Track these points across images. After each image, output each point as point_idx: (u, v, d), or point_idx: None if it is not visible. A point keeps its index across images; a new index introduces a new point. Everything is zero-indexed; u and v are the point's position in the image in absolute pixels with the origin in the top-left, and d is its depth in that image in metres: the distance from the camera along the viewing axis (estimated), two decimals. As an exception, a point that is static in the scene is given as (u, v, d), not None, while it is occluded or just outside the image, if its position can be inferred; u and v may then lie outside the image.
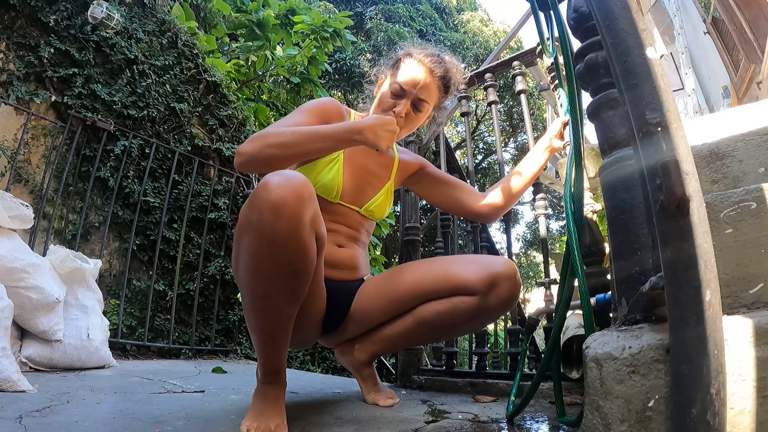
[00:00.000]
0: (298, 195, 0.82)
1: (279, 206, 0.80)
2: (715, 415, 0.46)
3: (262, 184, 0.83)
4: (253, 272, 0.86)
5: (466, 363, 5.57)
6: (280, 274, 0.85)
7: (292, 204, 0.81)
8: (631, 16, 0.61)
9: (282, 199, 0.81)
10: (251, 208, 0.83)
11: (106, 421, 0.96)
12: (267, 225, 0.81)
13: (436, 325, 1.10)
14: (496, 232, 12.02)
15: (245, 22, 4.02)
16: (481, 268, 1.03)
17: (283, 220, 0.81)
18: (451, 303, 1.05)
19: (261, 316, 0.90)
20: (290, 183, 0.82)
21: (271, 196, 0.81)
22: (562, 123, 1.26)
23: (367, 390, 1.23)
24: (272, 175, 0.84)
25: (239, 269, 0.89)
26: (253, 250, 0.84)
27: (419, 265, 1.17)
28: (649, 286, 0.56)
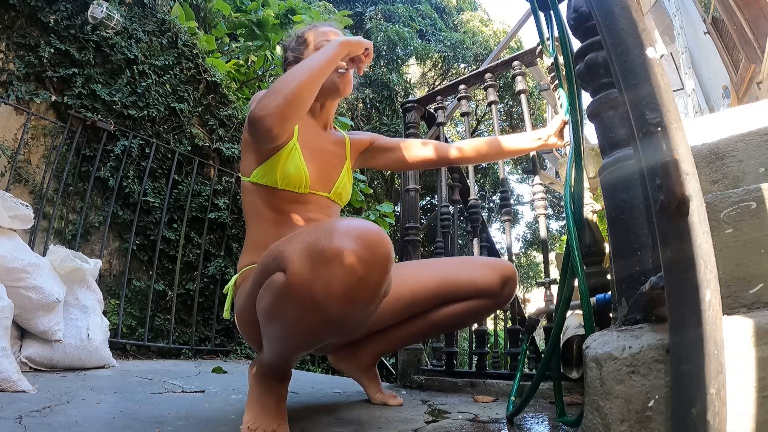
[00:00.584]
0: (384, 269, 0.67)
1: (358, 291, 0.66)
2: (715, 415, 0.46)
3: (333, 249, 0.64)
4: (296, 337, 0.77)
5: (466, 363, 5.57)
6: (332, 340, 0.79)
7: (375, 283, 0.67)
8: (631, 16, 0.61)
9: (363, 280, 0.65)
10: (313, 277, 0.66)
11: (106, 421, 0.96)
12: (336, 309, 0.67)
13: (450, 325, 1.17)
14: (496, 232, 12.02)
15: (245, 22, 4.02)
16: (494, 271, 1.11)
17: (360, 305, 0.68)
18: (469, 305, 1.11)
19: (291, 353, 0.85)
20: (374, 254, 0.66)
21: (348, 277, 0.64)
22: (562, 120, 1.26)
23: (373, 390, 1.23)
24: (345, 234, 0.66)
25: (274, 323, 0.78)
26: (308, 325, 0.72)
27: (431, 270, 1.15)
28: (649, 286, 0.56)
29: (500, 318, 2.73)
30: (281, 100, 0.90)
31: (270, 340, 0.84)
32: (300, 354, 0.87)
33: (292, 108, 0.91)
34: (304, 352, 0.87)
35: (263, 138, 0.91)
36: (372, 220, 3.79)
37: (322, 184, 1.14)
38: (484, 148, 1.31)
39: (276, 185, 1.05)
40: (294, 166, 1.06)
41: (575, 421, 0.78)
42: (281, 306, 0.73)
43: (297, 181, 1.07)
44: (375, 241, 0.67)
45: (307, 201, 1.11)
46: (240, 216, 3.18)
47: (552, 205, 10.26)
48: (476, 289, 1.10)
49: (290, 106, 0.91)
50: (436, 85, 9.96)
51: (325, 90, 1.13)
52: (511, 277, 1.12)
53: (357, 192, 3.92)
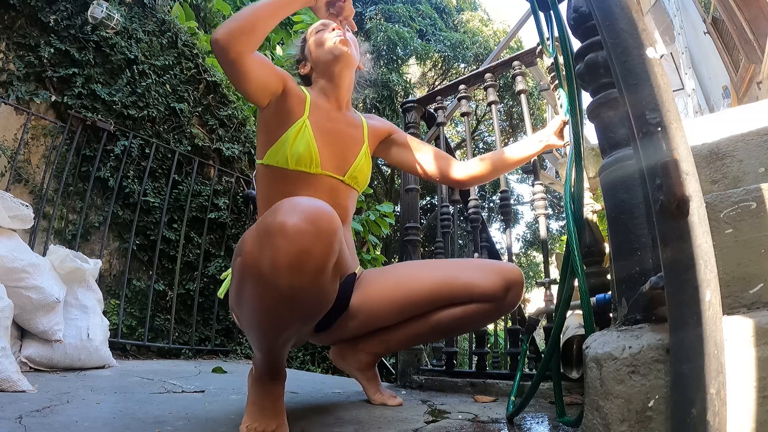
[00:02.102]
0: (326, 242, 0.68)
1: (302, 261, 0.67)
2: (715, 415, 0.46)
3: (277, 223, 0.67)
4: (261, 318, 0.78)
5: (466, 363, 5.57)
6: (294, 320, 0.79)
7: (318, 255, 0.68)
8: (631, 16, 0.61)
9: (306, 251, 0.67)
10: (261, 252, 0.68)
11: (106, 421, 0.96)
12: (284, 282, 0.68)
13: (449, 329, 1.14)
14: (496, 232, 12.03)
15: (245, 22, 4.01)
16: (497, 276, 1.07)
17: (306, 276, 0.69)
18: (469, 309, 1.08)
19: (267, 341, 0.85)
20: (316, 227, 0.67)
21: (291, 248, 0.66)
22: (562, 120, 1.26)
23: (372, 391, 1.22)
24: (289, 210, 0.68)
25: (243, 308, 0.80)
26: (264, 303, 0.74)
27: (431, 271, 1.13)
28: (649, 286, 0.56)
29: (500, 318, 2.73)
30: (232, 21, 0.93)
31: (246, 328, 0.86)
32: (278, 341, 0.85)
33: (241, 26, 0.93)
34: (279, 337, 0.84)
35: (218, 56, 0.94)
36: (372, 220, 3.78)
37: (336, 165, 1.12)
38: (490, 165, 1.27)
39: (287, 165, 1.05)
40: (304, 143, 1.05)
41: (575, 421, 0.78)
42: (242, 288, 0.76)
43: (307, 159, 1.06)
44: (316, 214, 0.68)
45: (319, 184, 1.08)
46: (240, 216, 3.18)
47: (552, 205, 10.25)
48: (478, 293, 1.06)
49: (239, 24, 0.93)
50: (436, 85, 9.96)
51: (327, 61, 1.15)
52: (516, 282, 1.07)
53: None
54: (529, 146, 1.28)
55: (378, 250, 5.71)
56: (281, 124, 1.07)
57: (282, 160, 1.05)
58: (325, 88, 1.18)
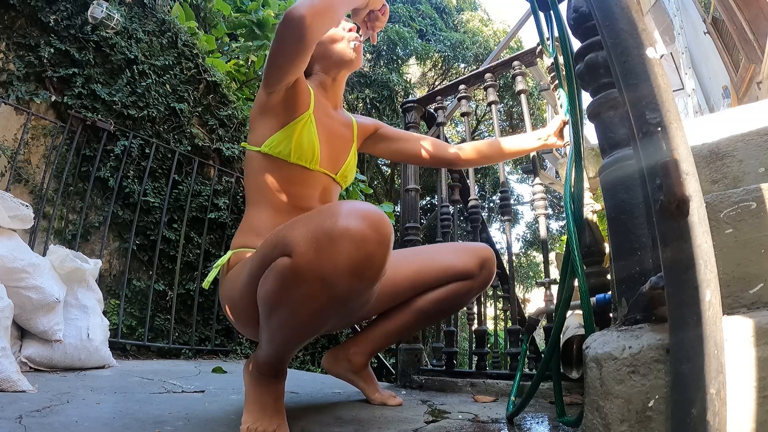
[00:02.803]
0: (387, 248, 0.69)
1: (366, 266, 0.68)
2: (715, 415, 0.46)
3: (340, 228, 0.66)
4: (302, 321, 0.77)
5: (466, 363, 5.57)
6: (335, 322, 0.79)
7: (380, 261, 0.69)
8: (631, 16, 0.61)
9: (370, 257, 0.67)
10: (320, 256, 0.67)
11: (106, 421, 0.96)
12: (344, 286, 0.68)
13: (435, 312, 1.17)
14: (496, 232, 12.02)
15: (245, 22, 4.02)
16: (470, 254, 1.15)
17: (366, 281, 0.69)
18: (449, 289, 1.13)
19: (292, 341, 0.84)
20: (379, 233, 0.68)
21: (356, 254, 0.66)
22: (562, 120, 1.26)
23: (371, 391, 1.23)
24: (350, 213, 0.68)
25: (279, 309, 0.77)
26: (315, 306, 0.73)
27: (408, 258, 1.17)
28: (649, 286, 0.56)
29: (500, 318, 2.73)
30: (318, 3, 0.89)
31: (272, 330, 0.83)
32: (301, 343, 0.86)
33: (326, 10, 0.90)
34: (304, 340, 0.86)
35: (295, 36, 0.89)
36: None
37: (330, 163, 1.14)
38: (485, 150, 1.32)
39: (288, 158, 1.05)
40: (308, 138, 1.06)
41: (575, 421, 0.78)
42: (287, 290, 0.74)
43: (309, 155, 1.06)
44: (378, 219, 0.69)
45: (314, 180, 1.09)
46: (240, 216, 3.18)
47: (552, 205, 10.25)
48: (454, 272, 1.12)
49: (325, 7, 0.90)
50: (436, 85, 9.97)
51: (336, 61, 1.15)
52: (488, 258, 1.15)
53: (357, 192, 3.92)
54: (527, 141, 1.31)
55: (378, 250, 5.70)
56: (287, 113, 1.06)
57: (284, 152, 1.05)
58: (326, 84, 1.18)
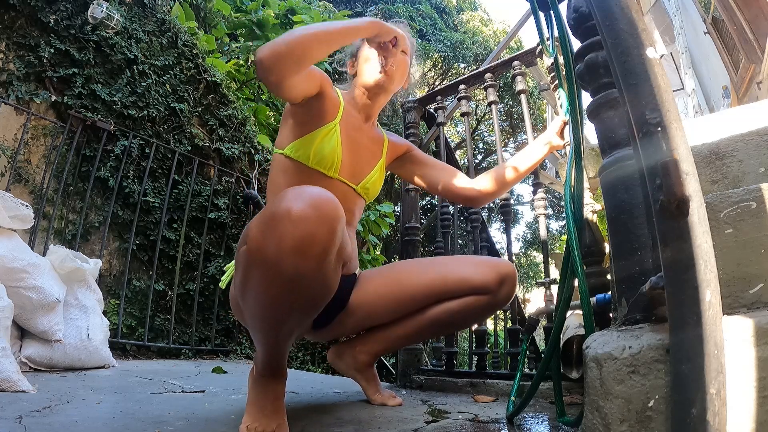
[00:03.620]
0: (329, 227, 0.70)
1: (307, 244, 0.68)
2: (715, 415, 0.46)
3: (282, 209, 0.69)
4: (265, 307, 0.78)
5: (466, 363, 5.57)
6: (297, 308, 0.79)
7: (322, 239, 0.70)
8: (631, 16, 0.61)
9: (310, 235, 0.68)
10: (266, 238, 0.70)
11: (106, 421, 0.96)
12: (289, 266, 0.69)
13: (448, 323, 1.14)
14: (496, 232, 12.02)
15: (245, 21, 4.02)
16: (491, 270, 1.09)
17: (310, 260, 0.70)
18: (465, 302, 1.09)
19: (270, 334, 0.86)
20: (320, 212, 0.69)
21: (296, 232, 0.67)
22: (562, 121, 1.26)
23: (372, 391, 1.22)
24: (294, 197, 0.70)
25: (247, 298, 0.80)
26: (268, 289, 0.74)
27: (426, 267, 1.15)
28: (649, 286, 0.56)
29: (500, 318, 2.73)
30: (282, 43, 0.89)
31: (250, 323, 0.86)
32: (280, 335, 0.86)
33: (290, 51, 0.89)
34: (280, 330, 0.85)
35: (261, 77, 0.91)
36: (372, 220, 3.78)
37: (352, 174, 1.15)
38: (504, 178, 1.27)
39: (308, 162, 1.06)
40: (330, 146, 1.07)
41: (575, 421, 0.78)
42: (246, 276, 0.76)
43: (329, 162, 1.08)
44: (320, 200, 0.71)
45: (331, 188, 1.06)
46: (240, 216, 3.18)
47: (552, 205, 10.25)
48: (471, 286, 1.08)
49: (289, 48, 0.89)
50: (436, 85, 9.96)
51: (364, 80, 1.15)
52: (509, 276, 1.10)
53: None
54: (536, 151, 1.28)
55: (378, 250, 5.71)
56: (312, 122, 1.08)
57: (304, 156, 1.06)
58: (359, 99, 1.19)
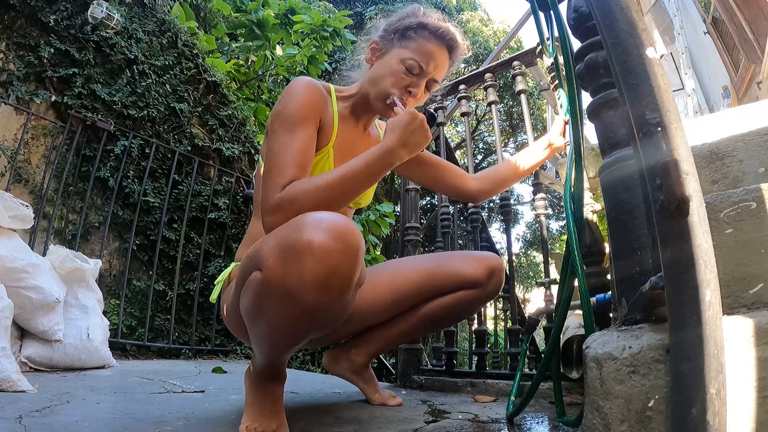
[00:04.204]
0: (353, 258, 0.68)
1: (330, 279, 0.67)
2: (715, 415, 0.46)
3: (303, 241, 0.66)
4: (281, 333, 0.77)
5: (466, 363, 5.57)
6: (315, 332, 0.78)
7: (346, 272, 0.68)
8: (631, 16, 0.61)
9: (334, 269, 0.66)
10: (286, 270, 0.67)
11: (106, 421, 0.96)
12: (311, 299, 0.68)
13: (440, 319, 1.15)
14: (496, 232, 12.02)
15: (245, 21, 4.02)
16: (479, 263, 1.12)
17: (334, 293, 0.69)
18: (456, 297, 1.11)
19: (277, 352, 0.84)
20: (344, 243, 0.67)
21: (319, 267, 0.65)
22: (563, 122, 1.26)
23: (371, 391, 1.22)
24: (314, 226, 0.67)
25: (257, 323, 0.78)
26: (285, 319, 0.73)
27: (416, 265, 1.16)
28: (649, 286, 0.56)
29: (500, 318, 2.74)
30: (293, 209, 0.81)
31: (256, 340, 0.84)
32: (287, 352, 0.86)
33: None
34: (290, 349, 0.85)
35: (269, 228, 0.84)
36: (372, 220, 3.78)
37: None
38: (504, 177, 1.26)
39: None
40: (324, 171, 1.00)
41: (575, 421, 0.78)
42: (260, 304, 0.74)
43: None
44: (343, 230, 0.68)
45: None
46: (240, 216, 3.18)
47: (552, 205, 10.26)
48: (462, 281, 1.10)
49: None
50: (436, 85, 9.94)
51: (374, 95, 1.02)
52: (497, 268, 1.12)
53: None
54: (537, 154, 1.28)
55: (378, 250, 5.71)
56: None
57: None
58: (360, 106, 1.07)
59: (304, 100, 0.94)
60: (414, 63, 0.99)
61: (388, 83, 0.99)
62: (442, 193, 1.34)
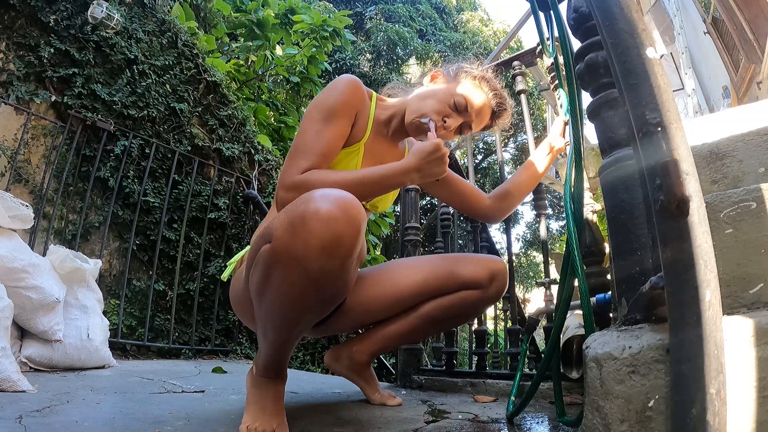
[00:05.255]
0: (356, 229, 0.73)
1: (334, 244, 0.71)
2: (715, 415, 0.46)
3: (311, 209, 0.71)
4: (285, 305, 0.80)
5: (466, 363, 5.57)
6: (318, 305, 0.81)
7: (349, 240, 0.72)
8: (631, 16, 0.61)
9: (338, 235, 0.71)
10: (294, 237, 0.72)
11: (106, 421, 0.96)
12: (316, 264, 0.72)
13: (441, 320, 1.15)
14: (496, 232, 12.01)
15: (245, 21, 4.02)
16: (481, 266, 1.12)
17: (337, 259, 0.73)
18: (457, 298, 1.11)
19: (283, 332, 0.86)
20: (347, 214, 0.72)
21: (325, 232, 0.70)
22: (563, 122, 1.26)
23: (371, 391, 1.23)
24: (321, 198, 0.72)
25: (265, 296, 0.81)
26: (291, 287, 0.76)
27: (419, 264, 1.17)
28: (649, 286, 0.56)
29: (500, 318, 2.73)
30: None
31: (263, 320, 0.86)
32: (291, 336, 0.87)
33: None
34: (294, 331, 0.86)
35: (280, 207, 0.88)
36: (372, 220, 3.79)
37: None
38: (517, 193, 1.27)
39: None
40: (349, 166, 1.04)
41: (575, 421, 0.78)
42: (268, 275, 0.78)
43: None
44: (348, 203, 0.73)
45: None
46: (240, 216, 3.18)
47: (552, 205, 10.25)
48: (463, 281, 1.10)
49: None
50: (436, 85, 9.96)
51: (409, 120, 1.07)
52: (499, 271, 1.12)
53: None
54: (540, 162, 1.28)
55: (378, 250, 5.71)
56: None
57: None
58: (395, 120, 1.12)
59: (345, 95, 1.00)
60: (462, 101, 1.07)
61: (430, 105, 1.05)
62: (458, 210, 1.36)
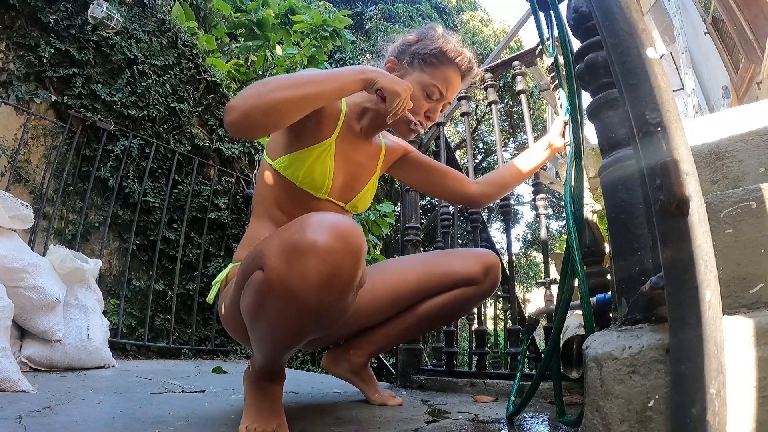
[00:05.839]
0: (356, 259, 0.69)
1: (332, 279, 0.67)
2: (715, 415, 0.46)
3: (307, 241, 0.66)
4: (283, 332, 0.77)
5: (466, 363, 5.57)
6: (316, 332, 0.78)
7: (348, 273, 0.69)
8: (631, 16, 0.61)
9: (337, 268, 0.67)
10: (289, 269, 0.67)
11: (106, 421, 0.96)
12: (313, 299, 0.68)
13: (438, 317, 1.16)
14: (496, 232, 12.02)
15: (245, 21, 4.02)
16: (475, 260, 1.13)
17: (335, 293, 0.69)
18: (453, 295, 1.12)
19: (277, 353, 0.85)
20: (347, 243, 0.68)
21: (323, 266, 0.66)
22: (563, 122, 1.26)
23: (371, 391, 1.22)
24: (318, 226, 0.68)
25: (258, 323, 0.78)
26: (287, 319, 0.73)
27: (414, 264, 1.16)
28: (649, 286, 0.56)
29: (500, 318, 2.74)
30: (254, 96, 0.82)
31: (257, 340, 0.84)
32: (288, 352, 0.87)
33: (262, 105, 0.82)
34: (290, 349, 0.86)
35: (230, 130, 0.84)
36: (372, 220, 3.78)
37: (342, 194, 1.09)
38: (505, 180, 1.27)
39: (296, 182, 1.00)
40: (321, 169, 1.00)
41: (575, 421, 0.78)
42: (262, 303, 0.74)
43: (319, 185, 1.01)
44: (346, 231, 0.69)
45: (319, 207, 1.03)
46: (240, 216, 3.18)
47: (552, 205, 10.25)
48: (459, 278, 1.10)
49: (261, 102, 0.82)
50: (436, 85, 9.94)
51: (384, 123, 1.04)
52: (492, 264, 1.13)
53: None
54: (537, 155, 1.28)
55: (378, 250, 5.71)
56: (306, 134, 0.99)
57: (293, 176, 1.00)
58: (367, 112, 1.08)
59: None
60: (435, 89, 1.04)
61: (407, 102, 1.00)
62: (440, 198, 1.34)
